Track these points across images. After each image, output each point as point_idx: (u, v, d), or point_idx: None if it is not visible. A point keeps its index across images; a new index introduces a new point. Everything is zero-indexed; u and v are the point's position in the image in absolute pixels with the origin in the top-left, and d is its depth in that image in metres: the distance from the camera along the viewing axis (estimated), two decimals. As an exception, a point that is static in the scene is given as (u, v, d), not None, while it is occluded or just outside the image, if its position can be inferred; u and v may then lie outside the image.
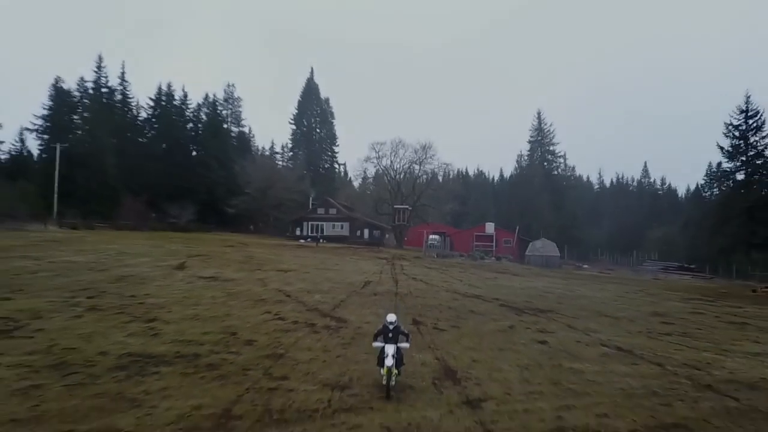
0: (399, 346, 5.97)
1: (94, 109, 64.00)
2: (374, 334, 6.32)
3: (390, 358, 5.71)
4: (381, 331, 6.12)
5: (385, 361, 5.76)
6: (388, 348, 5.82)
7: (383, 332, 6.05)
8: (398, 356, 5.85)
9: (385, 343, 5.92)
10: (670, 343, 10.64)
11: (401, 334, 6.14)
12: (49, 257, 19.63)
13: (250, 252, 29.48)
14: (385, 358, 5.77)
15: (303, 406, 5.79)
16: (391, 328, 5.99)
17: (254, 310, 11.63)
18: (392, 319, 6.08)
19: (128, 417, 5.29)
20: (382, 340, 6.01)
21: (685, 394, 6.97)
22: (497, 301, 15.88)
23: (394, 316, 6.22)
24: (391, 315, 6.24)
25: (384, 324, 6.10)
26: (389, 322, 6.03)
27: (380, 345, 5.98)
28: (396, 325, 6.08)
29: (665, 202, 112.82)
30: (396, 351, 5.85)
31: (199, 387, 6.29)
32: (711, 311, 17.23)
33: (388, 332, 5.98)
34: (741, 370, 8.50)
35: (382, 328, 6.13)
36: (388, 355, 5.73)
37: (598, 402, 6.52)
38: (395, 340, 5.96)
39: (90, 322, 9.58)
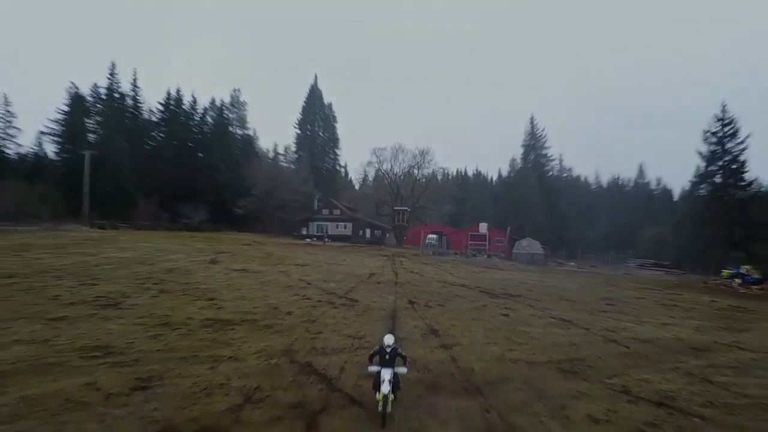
0: (396, 370, 5.34)
1: (108, 115, 66.28)
2: (369, 356, 5.59)
3: (386, 384, 5.17)
4: (377, 352, 5.43)
5: (381, 387, 5.20)
6: (385, 373, 5.24)
7: (379, 354, 5.39)
8: (395, 381, 5.31)
9: (381, 367, 5.31)
10: (603, 317, 13.55)
11: (399, 357, 5.46)
12: (100, 253, 22.49)
13: (267, 250, 32.40)
14: (381, 383, 5.21)
15: (335, 346, 8.73)
16: (389, 351, 5.33)
17: (285, 293, 14.54)
18: (390, 342, 5.38)
19: (226, 350, 8.21)
20: (378, 363, 5.37)
21: (594, 345, 9.90)
22: (478, 289, 18.86)
23: (392, 337, 5.48)
24: (388, 336, 5.49)
25: (380, 346, 5.40)
26: (386, 345, 5.35)
27: (376, 369, 5.36)
28: (393, 347, 5.38)
29: (660, 202, 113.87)
30: (393, 376, 5.28)
31: (264, 337, 9.21)
32: (653, 297, 20.16)
33: (384, 355, 5.34)
34: (644, 333, 11.43)
35: (378, 349, 5.42)
36: (385, 381, 5.19)
37: (533, 348, 9.45)
38: (392, 364, 5.33)
39: (166, 300, 12.48)
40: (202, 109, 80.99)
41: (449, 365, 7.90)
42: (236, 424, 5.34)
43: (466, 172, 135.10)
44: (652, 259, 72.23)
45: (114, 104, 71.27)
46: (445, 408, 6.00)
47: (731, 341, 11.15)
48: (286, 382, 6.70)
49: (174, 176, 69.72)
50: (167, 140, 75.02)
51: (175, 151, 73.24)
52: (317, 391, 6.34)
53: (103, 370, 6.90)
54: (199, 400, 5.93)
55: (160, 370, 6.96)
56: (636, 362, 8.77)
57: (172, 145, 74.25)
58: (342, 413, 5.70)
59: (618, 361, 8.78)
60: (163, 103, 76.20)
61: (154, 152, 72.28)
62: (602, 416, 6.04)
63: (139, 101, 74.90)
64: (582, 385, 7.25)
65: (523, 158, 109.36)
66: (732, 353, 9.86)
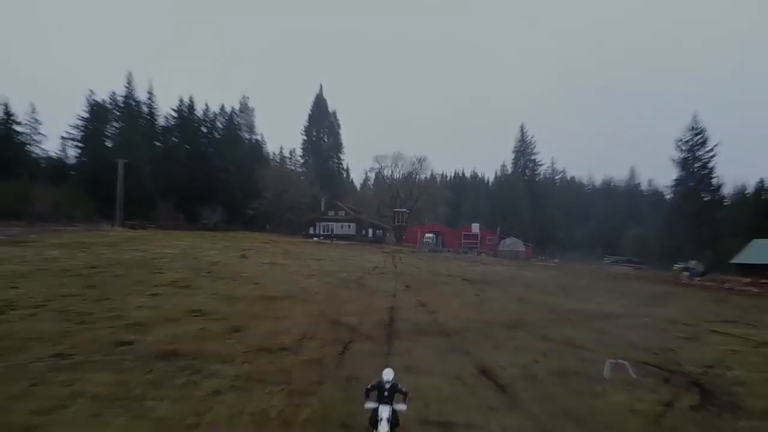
0: (395, 407, 4.64)
1: (127, 121, 68.04)
2: (366, 390, 4.79)
3: (384, 424, 4.52)
4: (375, 387, 4.72)
5: (379, 426, 4.53)
6: (383, 411, 4.57)
7: (378, 389, 4.69)
8: (393, 419, 4.61)
9: (379, 404, 4.63)
10: (553, 297, 16.91)
11: (398, 393, 4.72)
12: (149, 250, 25.74)
13: (284, 247, 35.73)
14: (378, 422, 4.54)
15: (353, 311, 12.07)
16: (387, 386, 4.65)
17: (309, 279, 17.88)
18: (389, 377, 4.69)
19: (280, 313, 11.54)
20: (375, 398, 4.68)
21: (537, 313, 13.25)
22: (461, 278, 22.26)
23: (392, 372, 4.76)
24: (387, 371, 4.77)
25: (379, 380, 4.72)
26: (385, 380, 4.67)
27: (373, 406, 4.66)
28: (393, 383, 4.68)
29: (649, 203, 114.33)
30: (391, 414, 4.61)
31: (303, 306, 12.52)
32: (602, 286, 23.47)
33: (383, 390, 4.65)
34: (578, 307, 14.77)
35: (376, 384, 4.74)
36: (383, 420, 4.53)
37: (492, 314, 12.78)
38: (391, 400, 4.65)
39: (222, 284, 15.80)
40: (212, 115, 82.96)
41: (431, 322, 11.25)
42: (301, 348, 8.67)
43: (463, 173, 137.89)
44: (635, 257, 75.41)
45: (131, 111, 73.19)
46: (427, 342, 9.36)
47: (641, 313, 14.50)
48: (324, 329, 10.05)
49: (189, 179, 71.57)
50: (180, 145, 76.64)
51: (188, 155, 74.86)
52: (346, 333, 9.70)
53: (206, 322, 10.23)
54: (275, 337, 9.26)
55: (243, 323, 10.30)
56: (561, 323, 12.10)
57: (185, 149, 75.65)
58: (362, 343, 9.05)
59: (549, 322, 12.11)
60: (176, 110, 78.11)
61: (169, 156, 73.93)
62: (523, 347, 9.39)
63: (154, 108, 76.19)
64: (518, 334, 10.60)
65: (514, 163, 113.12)
66: (632, 319, 13.23)
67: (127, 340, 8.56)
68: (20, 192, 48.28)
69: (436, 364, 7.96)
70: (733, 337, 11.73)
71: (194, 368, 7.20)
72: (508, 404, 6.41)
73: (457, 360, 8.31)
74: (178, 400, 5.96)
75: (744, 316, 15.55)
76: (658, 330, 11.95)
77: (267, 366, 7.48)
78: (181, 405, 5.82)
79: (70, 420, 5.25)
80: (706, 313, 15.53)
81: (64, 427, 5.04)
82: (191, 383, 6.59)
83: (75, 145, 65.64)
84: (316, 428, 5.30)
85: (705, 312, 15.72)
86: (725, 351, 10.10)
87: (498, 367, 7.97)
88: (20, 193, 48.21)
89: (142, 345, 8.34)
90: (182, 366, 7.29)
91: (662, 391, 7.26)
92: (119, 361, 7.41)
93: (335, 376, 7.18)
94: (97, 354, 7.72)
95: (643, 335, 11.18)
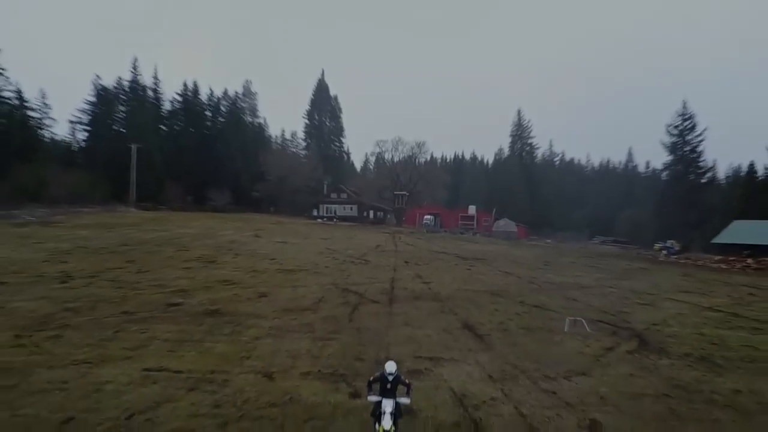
0: (398, 401, 4.42)
1: (135, 106, 68.22)
2: (368, 382, 4.56)
3: (388, 418, 4.25)
4: (378, 379, 4.49)
5: (382, 420, 4.28)
6: (386, 404, 4.33)
7: (380, 382, 4.46)
8: (396, 412, 4.38)
9: (382, 398, 4.39)
10: (535, 272, 18.56)
11: (401, 385, 4.50)
12: (170, 230, 27.33)
13: (292, 228, 37.33)
14: (382, 415, 4.29)
15: (359, 281, 13.70)
16: (390, 379, 4.41)
17: (319, 256, 19.51)
18: (392, 369, 4.43)
19: (297, 283, 13.15)
20: (378, 391, 4.44)
21: (519, 284, 14.88)
22: (455, 255, 23.90)
23: (395, 365, 4.51)
24: (390, 363, 4.52)
25: (382, 373, 4.48)
26: (388, 372, 4.42)
27: (376, 399, 4.42)
28: (396, 375, 4.45)
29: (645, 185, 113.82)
30: (395, 407, 4.36)
31: (316, 277, 14.15)
32: (583, 263, 25.06)
33: (386, 383, 4.42)
34: (556, 279, 16.40)
35: (378, 376, 4.51)
36: (386, 414, 4.27)
37: (479, 285, 14.43)
38: (394, 394, 4.41)
39: (242, 260, 17.41)
40: (216, 99, 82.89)
41: (426, 290, 12.89)
42: (319, 308, 10.30)
43: (463, 155, 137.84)
44: (627, 238, 76.74)
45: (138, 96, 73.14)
46: (421, 305, 11.00)
47: (611, 285, 16.16)
48: (336, 295, 11.69)
49: (195, 163, 72.15)
50: (185, 129, 76.70)
51: (193, 139, 75.23)
52: (354, 297, 11.33)
53: (237, 290, 11.86)
54: (295, 301, 10.89)
55: (268, 290, 11.94)
56: (538, 292, 13.74)
57: (190, 133, 75.80)
58: (368, 305, 10.69)
59: (528, 291, 13.75)
60: (180, 94, 78.18)
61: (175, 140, 74.30)
62: (502, 310, 11.04)
63: (159, 93, 75.85)
64: (499, 300, 12.24)
65: (510, 147, 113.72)
66: (601, 290, 14.88)
67: (176, 302, 10.21)
68: (38, 176, 49.50)
69: (429, 321, 9.62)
70: (684, 303, 13.37)
71: (236, 322, 8.85)
72: (484, 347, 8.06)
73: (445, 318, 9.97)
74: (230, 343, 7.62)
75: (702, 288, 17.18)
76: (620, 298, 13.59)
77: (293, 321, 9.13)
78: (233, 345, 7.48)
79: (153, 353, 6.91)
80: (669, 285, 17.17)
81: (152, 357, 6.69)
82: (236, 332, 8.24)
83: (83, 129, 65.82)
84: (337, 360, 6.94)
85: (668, 284, 17.37)
86: (672, 314, 11.75)
87: (478, 323, 9.62)
88: (39, 177, 49.44)
89: (188, 306, 9.99)
90: (226, 321, 8.94)
91: (608, 341, 8.90)
92: (175, 317, 9.05)
93: (348, 327, 8.83)
94: (156, 312, 9.37)
95: (606, 302, 12.83)
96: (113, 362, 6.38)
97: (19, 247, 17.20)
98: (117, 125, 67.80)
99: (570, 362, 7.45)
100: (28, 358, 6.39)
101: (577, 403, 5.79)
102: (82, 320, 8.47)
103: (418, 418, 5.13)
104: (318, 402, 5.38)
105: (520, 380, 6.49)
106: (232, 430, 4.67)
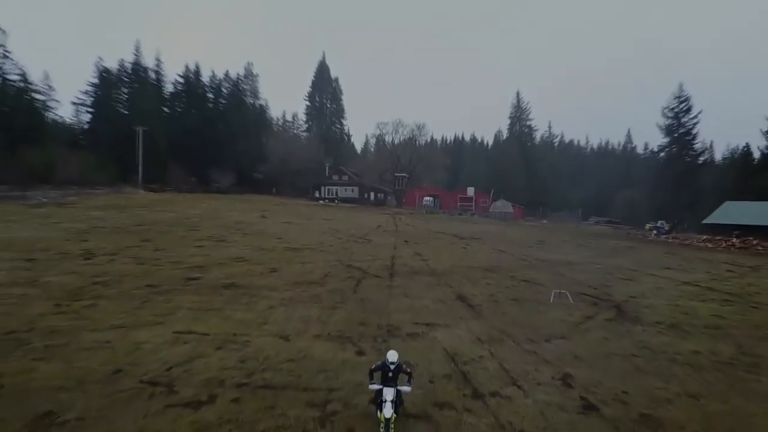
0: (400, 389, 4.39)
1: (137, 88, 67.66)
2: (370, 371, 4.57)
3: (389, 407, 4.18)
4: (379, 368, 4.47)
5: (383, 408, 4.19)
6: (387, 393, 4.26)
7: (382, 370, 4.43)
8: (398, 400, 4.32)
9: (383, 386, 4.33)
10: (528, 250, 19.30)
11: (403, 374, 4.48)
12: (178, 211, 27.95)
13: (295, 209, 37.97)
14: (383, 403, 4.22)
15: (362, 258, 14.43)
16: (392, 368, 4.38)
17: (324, 236, 20.21)
18: (393, 359, 4.41)
19: (305, 259, 13.84)
20: (380, 380, 4.40)
21: (512, 261, 15.62)
22: (452, 234, 24.62)
23: (396, 354, 4.49)
24: (392, 353, 4.51)
25: (383, 362, 4.46)
26: (390, 362, 4.40)
27: (377, 388, 4.37)
28: (397, 364, 4.43)
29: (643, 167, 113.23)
30: (396, 395, 4.32)
31: (322, 255, 14.86)
32: (575, 242, 25.82)
33: (387, 371, 4.38)
34: (547, 257, 17.16)
35: (380, 364, 4.47)
36: (387, 402, 4.20)
37: (474, 261, 15.14)
38: (395, 382, 4.37)
39: (251, 239, 18.11)
40: (218, 81, 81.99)
41: (424, 266, 13.61)
42: (325, 282, 11.02)
43: (463, 137, 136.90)
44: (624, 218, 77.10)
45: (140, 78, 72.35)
46: (420, 279, 11.73)
47: (598, 262, 16.91)
48: (341, 270, 12.41)
49: (198, 145, 72.05)
50: (188, 110, 76.24)
51: (196, 121, 74.81)
52: (357, 272, 12.06)
53: (249, 266, 12.57)
54: (304, 276, 11.61)
55: (277, 266, 12.65)
56: (528, 268, 14.47)
57: (192, 115, 75.33)
58: (371, 279, 11.41)
59: (519, 267, 14.49)
60: (182, 76, 77.17)
61: (177, 122, 73.97)
62: (493, 283, 11.79)
63: (161, 75, 74.99)
64: (491, 275, 12.97)
65: (509, 129, 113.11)
66: (588, 266, 15.64)
67: (195, 277, 10.94)
68: (47, 158, 49.76)
69: (426, 293, 10.35)
70: (664, 278, 14.12)
71: (251, 294, 9.58)
72: (474, 315, 8.80)
73: (441, 290, 10.71)
74: (247, 311, 8.35)
75: (684, 264, 17.93)
76: (605, 273, 14.33)
77: (303, 293, 9.86)
78: (250, 313, 8.22)
79: (181, 319, 7.64)
80: (653, 262, 17.91)
81: (180, 323, 7.42)
82: (252, 302, 8.98)
83: (86, 111, 65.43)
84: (343, 325, 7.68)
85: (652, 261, 18.11)
86: (651, 288, 12.50)
87: (471, 295, 10.36)
88: (47, 159, 49.70)
89: (206, 280, 10.71)
90: (242, 292, 9.67)
91: (588, 311, 9.65)
92: (196, 290, 9.78)
93: (353, 298, 9.56)
94: (177, 285, 10.09)
95: (591, 277, 13.57)
96: (146, 327, 7.11)
97: (40, 227, 17.88)
98: (120, 107, 67.41)
99: (552, 328, 8.19)
100: (72, 322, 7.12)
101: (554, 361, 6.53)
102: (112, 292, 9.19)
103: (415, 372, 5.86)
104: (328, 358, 6.12)
105: (505, 342, 7.23)
106: (257, 379, 5.41)
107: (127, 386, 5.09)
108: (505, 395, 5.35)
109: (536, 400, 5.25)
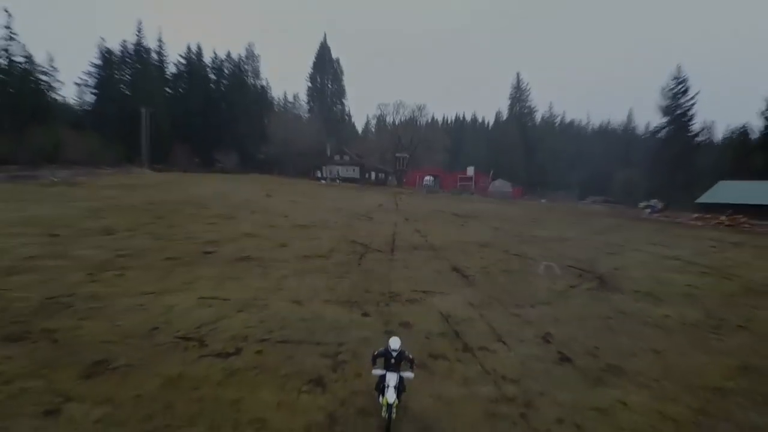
0: (402, 375, 4.31)
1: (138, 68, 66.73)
2: (373, 356, 4.46)
3: (392, 392, 4.14)
4: (381, 354, 4.39)
5: (386, 394, 4.16)
6: (390, 378, 4.22)
7: (384, 356, 4.36)
8: (400, 386, 4.27)
9: (386, 371, 4.29)
10: (522, 227, 19.97)
11: (405, 360, 4.39)
12: (186, 190, 28.51)
13: (299, 188, 38.47)
14: (386, 389, 4.18)
15: (365, 234, 15.09)
16: (395, 354, 4.32)
17: (328, 214, 20.82)
18: (396, 345, 4.33)
19: (312, 236, 14.52)
20: (382, 366, 4.35)
21: (506, 238, 16.27)
22: (451, 212, 25.24)
23: (398, 341, 4.39)
24: (394, 339, 4.41)
25: (386, 348, 4.38)
26: (392, 348, 4.32)
27: (380, 373, 4.33)
28: (400, 350, 4.34)
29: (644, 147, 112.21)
30: (399, 381, 4.26)
31: (327, 232, 15.53)
32: (569, 220, 26.41)
33: (390, 358, 4.33)
34: (540, 233, 17.83)
35: (383, 351, 4.39)
36: (390, 387, 4.16)
37: (470, 237, 15.78)
38: (398, 368, 4.31)
39: (259, 217, 18.72)
40: (219, 62, 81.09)
41: (423, 242, 14.26)
42: (331, 255, 11.69)
43: (464, 117, 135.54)
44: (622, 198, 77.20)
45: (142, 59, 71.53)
46: (419, 253, 12.41)
47: (588, 238, 17.56)
48: (345, 246, 13.08)
49: (201, 125, 71.94)
50: (190, 91, 75.68)
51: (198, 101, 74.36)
52: (361, 247, 12.73)
53: (259, 241, 13.24)
54: (311, 250, 12.26)
55: (286, 241, 13.29)
56: (521, 244, 15.12)
57: (194, 95, 74.77)
58: (373, 254, 12.09)
59: (513, 243, 15.15)
60: (184, 57, 76.30)
61: (180, 103, 73.57)
62: (487, 257, 12.46)
63: (163, 56, 74.16)
64: (485, 250, 13.64)
65: (509, 110, 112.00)
66: (578, 242, 16.28)
67: (210, 251, 11.60)
68: (54, 138, 49.93)
69: (424, 265, 11.04)
70: (648, 254, 14.79)
71: (264, 265, 10.26)
72: (468, 284, 9.50)
73: (438, 263, 11.39)
74: (262, 280, 9.04)
75: (671, 241, 18.58)
76: (593, 249, 14.99)
77: (311, 265, 10.55)
78: (265, 282, 8.92)
79: (203, 287, 8.33)
80: (641, 239, 18.55)
81: (203, 289, 8.12)
82: (266, 273, 9.66)
83: (90, 91, 65.05)
84: (350, 292, 8.38)
85: (640, 238, 18.75)
86: (634, 262, 13.17)
87: (465, 267, 11.05)
88: (54, 139, 49.88)
89: (221, 254, 11.38)
90: (255, 264, 10.35)
91: (573, 281, 10.34)
92: (211, 262, 10.46)
93: (357, 269, 10.25)
94: (195, 258, 10.76)
95: (579, 251, 14.23)
96: (173, 293, 7.81)
97: (57, 205, 18.49)
98: (123, 88, 66.97)
99: (538, 296, 8.90)
100: (107, 289, 7.82)
101: (536, 322, 7.25)
102: (137, 263, 9.88)
103: (414, 330, 6.59)
104: (337, 318, 6.83)
105: (494, 307, 7.94)
106: (276, 336, 6.13)
107: (164, 341, 5.80)
108: (492, 349, 6.07)
109: (518, 353, 5.97)
